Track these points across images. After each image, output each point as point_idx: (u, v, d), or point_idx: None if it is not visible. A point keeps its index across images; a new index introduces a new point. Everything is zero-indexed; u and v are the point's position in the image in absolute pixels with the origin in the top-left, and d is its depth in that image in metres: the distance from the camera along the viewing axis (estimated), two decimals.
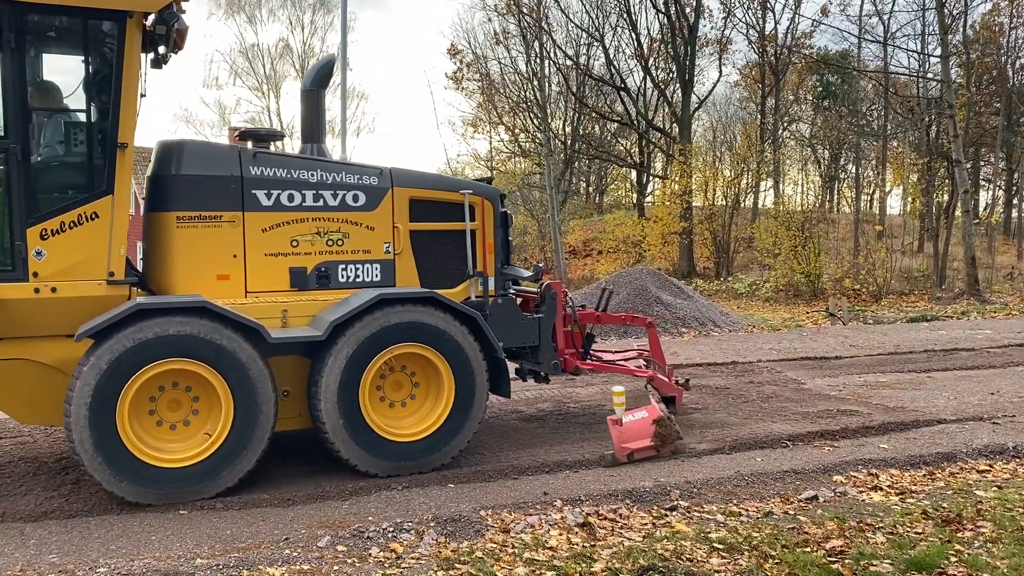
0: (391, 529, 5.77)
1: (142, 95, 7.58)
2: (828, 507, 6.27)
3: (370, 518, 6.04)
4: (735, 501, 6.44)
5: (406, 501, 6.43)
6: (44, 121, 6.58)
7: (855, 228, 34.18)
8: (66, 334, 6.32)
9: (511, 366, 8.20)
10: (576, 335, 8.67)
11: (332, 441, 6.84)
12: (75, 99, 6.62)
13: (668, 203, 35.43)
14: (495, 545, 5.50)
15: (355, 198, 7.39)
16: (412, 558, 5.33)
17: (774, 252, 27.91)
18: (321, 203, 7.27)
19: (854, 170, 43.00)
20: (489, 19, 42.39)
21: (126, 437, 6.21)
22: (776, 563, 5.14)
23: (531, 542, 5.53)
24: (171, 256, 6.89)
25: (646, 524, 5.95)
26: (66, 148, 6.60)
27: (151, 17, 6.57)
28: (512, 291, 8.40)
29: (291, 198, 7.16)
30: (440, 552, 5.39)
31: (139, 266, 7.58)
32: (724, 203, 35.64)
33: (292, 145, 53.73)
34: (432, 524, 5.86)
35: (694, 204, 35.42)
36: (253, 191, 7.03)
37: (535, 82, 40.89)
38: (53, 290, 6.28)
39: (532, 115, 42.68)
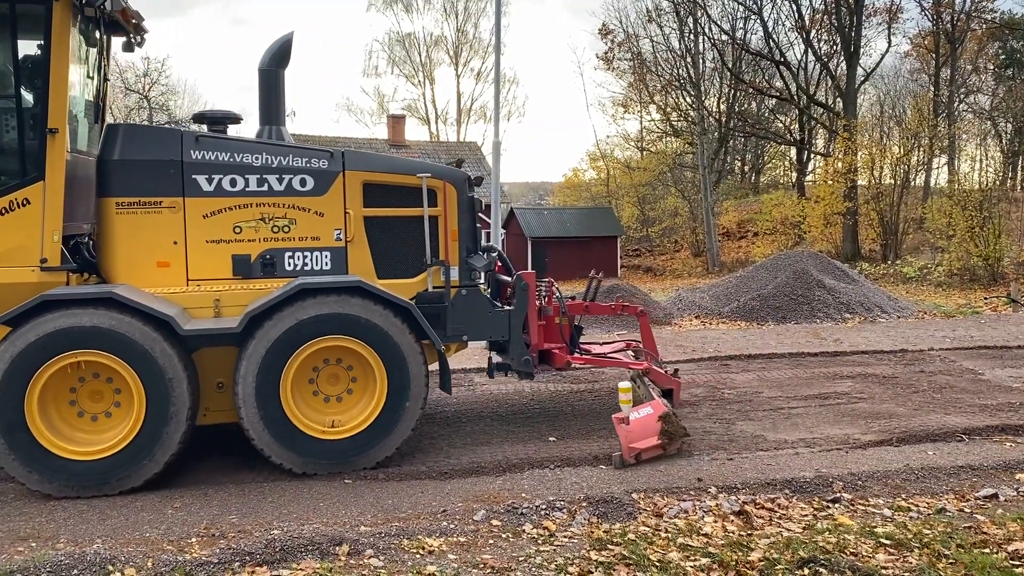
0: (544, 507, 5.84)
1: (104, 79, 7.66)
2: (1010, 507, 5.82)
3: (523, 495, 6.14)
4: (903, 496, 6.10)
5: (558, 480, 6.48)
6: None
7: None
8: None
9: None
10: (565, 327, 8.13)
11: (251, 436, 6.55)
12: (5, 85, 6.52)
13: (831, 182, 33.86)
14: (648, 529, 5.47)
15: (303, 182, 7.01)
16: (565, 536, 5.38)
17: (948, 233, 26.13)
18: (265, 188, 6.93)
19: None
20: None
21: (35, 428, 6.08)
22: (951, 563, 4.83)
23: (685, 528, 5.46)
24: (111, 243, 6.72)
25: (806, 515, 5.74)
26: None
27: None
28: (481, 282, 7.81)
29: (233, 183, 6.86)
30: (592, 532, 5.41)
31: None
32: (892, 181, 33.66)
33: (446, 132, 54.92)
34: (584, 504, 5.88)
35: (859, 183, 33.66)
36: (194, 176, 6.77)
37: (688, 59, 40.05)
38: None
39: (685, 93, 41.82)
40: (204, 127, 7.35)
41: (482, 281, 7.84)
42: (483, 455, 7.27)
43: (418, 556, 5.01)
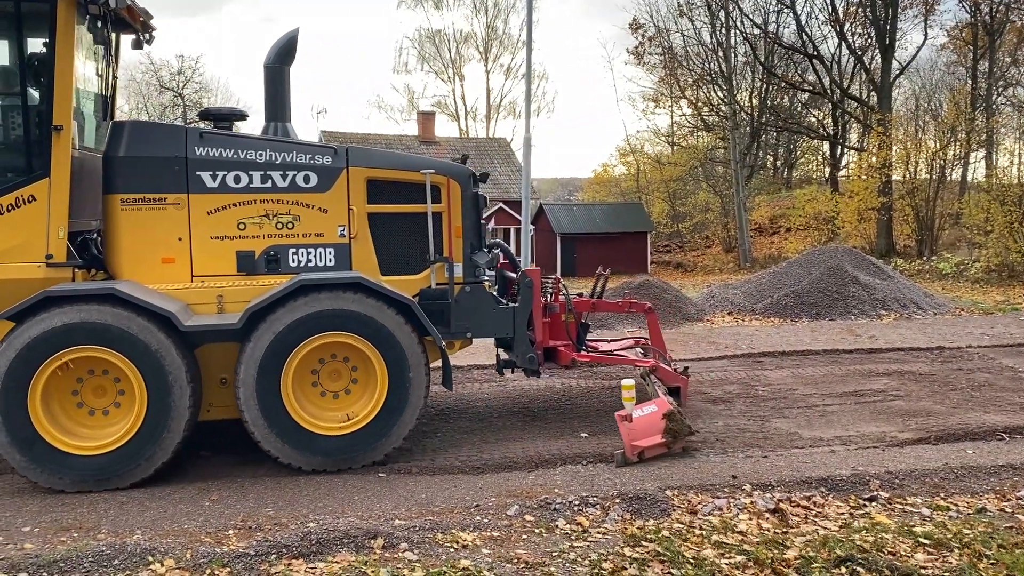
0: (577, 502, 5.84)
1: (114, 77, 7.70)
2: None
3: (556, 490, 6.14)
4: (942, 495, 6.02)
5: (591, 476, 6.47)
6: None
7: None
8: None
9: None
10: (571, 325, 8.09)
11: (252, 431, 6.59)
12: (10, 83, 6.60)
13: (865, 177, 33.40)
14: (682, 525, 5.45)
15: (306, 179, 7.02)
16: (598, 532, 5.37)
17: (985, 229, 25.69)
18: (269, 184, 6.95)
19: None
20: None
21: (37, 422, 6.16)
22: (992, 563, 4.76)
23: (719, 525, 5.43)
24: (117, 239, 6.77)
25: (842, 514, 5.68)
26: (3, 132, 6.61)
27: None
28: (486, 278, 7.75)
29: (237, 179, 6.89)
30: (626, 528, 5.39)
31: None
32: (928, 176, 33.12)
33: (475, 128, 54.83)
34: (617, 500, 5.87)
35: (894, 178, 33.18)
36: (198, 172, 6.81)
37: (720, 53, 39.68)
38: None
39: (717, 87, 41.46)
40: (210, 123, 7.37)
41: (486, 277, 7.79)
42: (515, 450, 7.28)
43: (452, 550, 5.04)
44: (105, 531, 5.48)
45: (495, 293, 8.01)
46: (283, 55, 7.60)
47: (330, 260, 7.14)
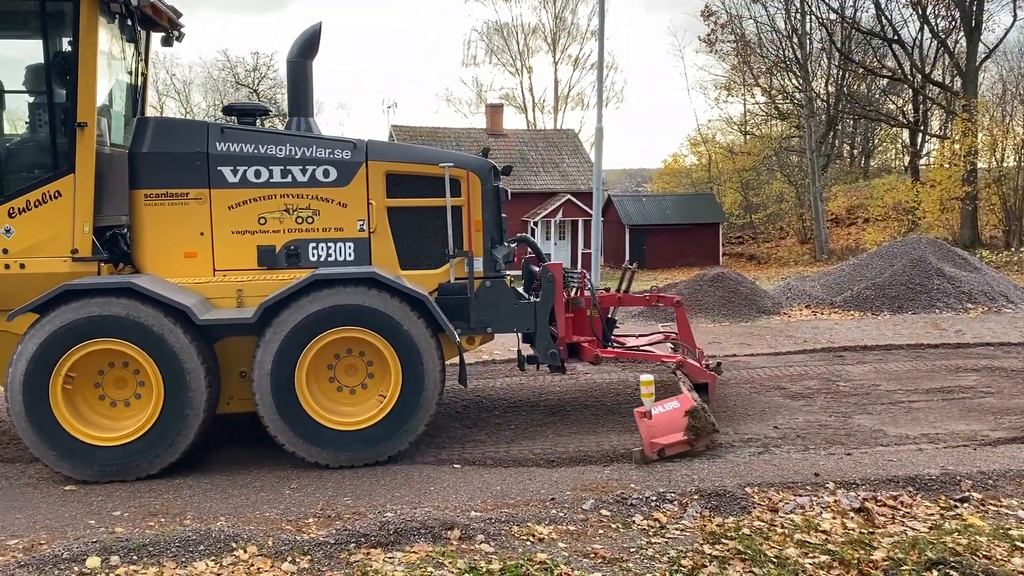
0: (654, 498, 5.75)
1: (142, 74, 7.75)
2: None
3: (632, 485, 6.07)
4: None
5: (667, 472, 6.38)
6: (9, 104, 6.75)
7: None
8: None
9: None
10: (596, 320, 7.93)
11: (267, 425, 6.60)
12: (37, 81, 6.70)
13: (948, 165, 32.23)
14: (763, 524, 5.32)
15: (326, 173, 7.05)
16: (676, 529, 5.29)
17: None
18: (289, 179, 7.00)
19: None
20: None
21: (59, 413, 6.26)
22: None
23: (802, 523, 5.28)
24: (141, 234, 6.89)
25: (932, 515, 5.47)
26: (30, 129, 6.76)
27: None
28: (507, 273, 7.63)
29: (257, 174, 6.95)
30: (705, 526, 5.30)
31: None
32: (1016, 164, 31.78)
33: (543, 120, 54.74)
34: (695, 497, 5.77)
35: (979, 166, 31.94)
36: (219, 167, 6.89)
37: (795, 39, 38.75)
38: (22, 266, 6.52)
39: (791, 74, 40.50)
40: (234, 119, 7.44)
41: (506, 272, 7.67)
42: (590, 444, 7.23)
43: (528, 543, 5.02)
44: (190, 517, 5.63)
45: (520, 288, 7.95)
46: (305, 50, 7.59)
47: (350, 254, 7.17)
